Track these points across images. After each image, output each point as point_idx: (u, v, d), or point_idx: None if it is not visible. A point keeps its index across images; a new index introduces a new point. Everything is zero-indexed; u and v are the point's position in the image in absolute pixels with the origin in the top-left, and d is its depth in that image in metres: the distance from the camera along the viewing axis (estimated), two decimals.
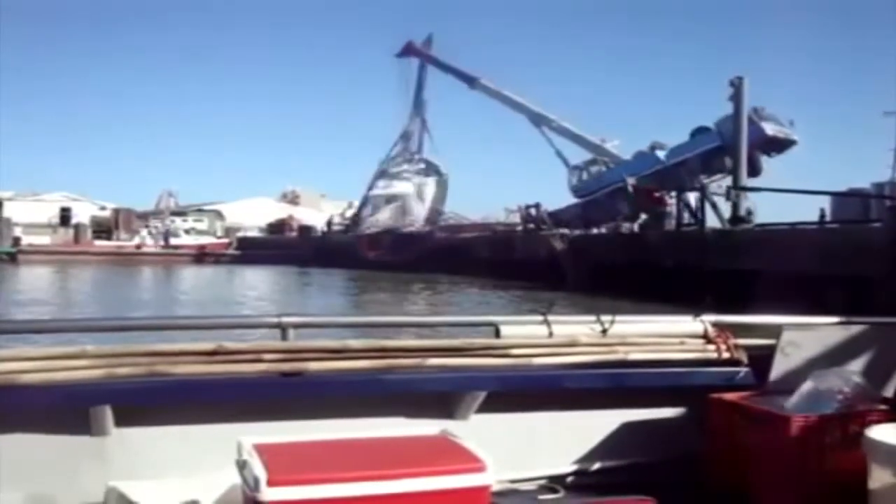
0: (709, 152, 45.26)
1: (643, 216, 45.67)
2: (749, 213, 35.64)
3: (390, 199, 59.84)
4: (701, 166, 45.33)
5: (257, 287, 40.71)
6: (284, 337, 3.44)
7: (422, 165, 61.81)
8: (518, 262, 40.51)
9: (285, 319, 3.48)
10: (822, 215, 33.75)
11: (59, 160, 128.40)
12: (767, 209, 40.13)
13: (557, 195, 52.33)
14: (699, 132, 46.76)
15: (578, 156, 52.51)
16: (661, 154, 47.79)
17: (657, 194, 43.84)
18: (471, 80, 58.82)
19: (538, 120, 53.56)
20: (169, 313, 21.85)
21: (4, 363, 2.96)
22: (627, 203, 45.98)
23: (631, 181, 46.37)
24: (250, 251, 63.84)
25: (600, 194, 48.73)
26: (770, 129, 43.83)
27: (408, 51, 61.60)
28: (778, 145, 45.39)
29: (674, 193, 45.22)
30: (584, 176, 51.46)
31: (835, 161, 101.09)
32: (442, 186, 61.02)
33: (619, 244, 37.33)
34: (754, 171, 43.54)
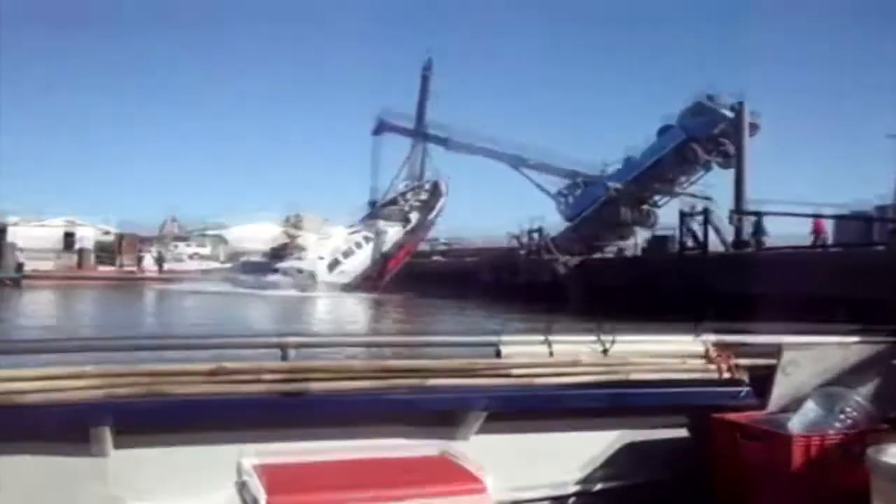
0: (679, 147, 46.63)
1: (637, 229, 46.81)
2: (756, 232, 35.52)
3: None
4: (676, 160, 46.98)
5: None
6: (285, 357, 3.44)
7: (423, 196, 61.92)
8: (522, 285, 40.47)
9: (286, 339, 3.48)
10: (824, 238, 33.68)
11: (62, 182, 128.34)
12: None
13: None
14: (664, 130, 48.12)
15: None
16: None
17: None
18: (444, 142, 60.22)
19: (515, 162, 54.67)
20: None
21: (5, 383, 2.96)
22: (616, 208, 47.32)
23: (614, 186, 47.80)
24: None
25: (590, 211, 49.50)
26: (731, 113, 44.44)
27: (381, 128, 62.39)
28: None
29: (658, 197, 47.88)
30: (570, 200, 52.16)
31: (838, 177, 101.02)
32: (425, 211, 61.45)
33: (621, 268, 37.31)
34: (728, 162, 44.71)
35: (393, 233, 59.53)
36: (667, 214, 43.30)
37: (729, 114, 44.49)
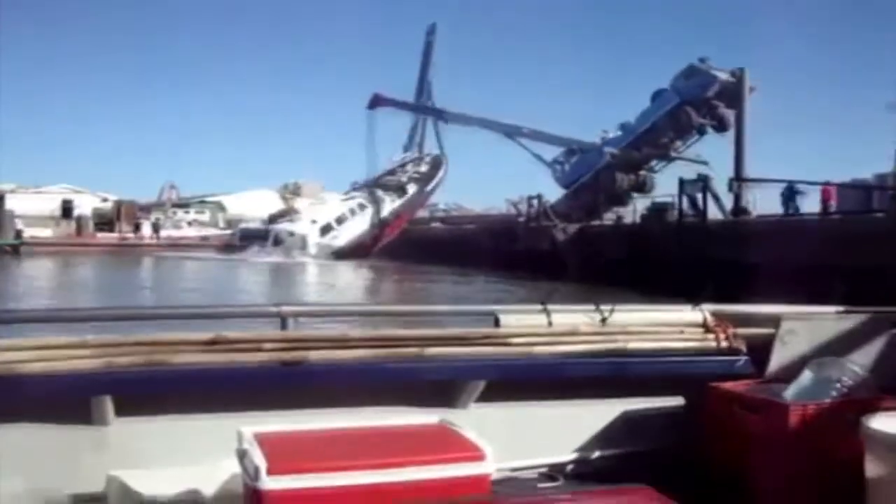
0: (673, 111, 46.43)
1: (635, 195, 46.90)
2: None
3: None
4: (671, 124, 46.83)
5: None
6: (284, 326, 3.45)
7: (422, 168, 61.70)
8: (520, 253, 40.46)
9: (285, 308, 3.49)
10: (825, 206, 33.65)
11: (61, 153, 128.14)
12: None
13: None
14: (658, 94, 47.92)
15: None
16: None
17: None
18: (440, 114, 60.08)
19: (511, 132, 54.25)
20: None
21: (5, 353, 2.97)
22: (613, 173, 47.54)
23: (610, 151, 47.84)
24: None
25: (587, 178, 49.33)
26: (723, 75, 44.53)
27: (376, 102, 61.52)
28: (737, 94, 45.62)
29: (655, 163, 48.23)
30: (566, 168, 52.00)
31: (836, 150, 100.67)
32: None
33: (620, 236, 37.29)
34: (722, 125, 45.12)
35: (389, 202, 59.37)
36: (666, 184, 43.18)
37: (722, 75, 44.39)
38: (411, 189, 60.76)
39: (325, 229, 56.76)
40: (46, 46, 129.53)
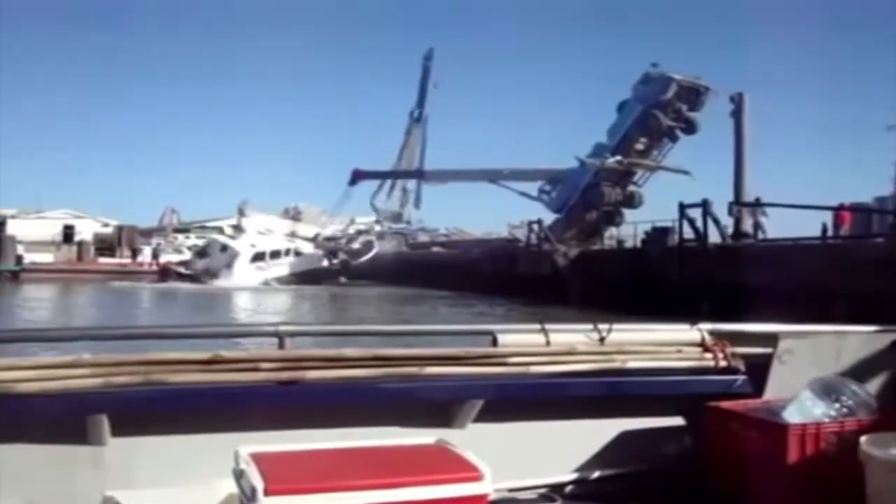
0: (640, 118, 48.26)
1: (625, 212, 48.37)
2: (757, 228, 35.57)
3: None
4: (641, 130, 48.67)
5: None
6: (281, 345, 3.44)
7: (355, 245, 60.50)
8: (521, 277, 40.45)
9: (282, 328, 3.49)
10: (825, 230, 33.66)
11: (61, 178, 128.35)
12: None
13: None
14: (622, 105, 49.76)
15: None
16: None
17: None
18: (420, 175, 61.47)
19: (493, 176, 55.00)
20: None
21: (1, 372, 2.96)
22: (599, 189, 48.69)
23: (591, 162, 49.20)
24: None
25: (575, 198, 50.00)
26: (678, 76, 47.04)
27: (357, 178, 61.87)
28: (695, 94, 48.40)
29: (639, 176, 49.69)
30: (553, 194, 52.65)
31: (835, 173, 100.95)
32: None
33: (621, 259, 37.29)
34: (690, 127, 48.07)
35: (315, 260, 57.74)
36: (667, 209, 43.32)
37: (676, 76, 46.90)
38: (334, 259, 58.87)
39: (257, 258, 55.37)
40: (49, 71, 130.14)
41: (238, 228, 59.64)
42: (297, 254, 57.85)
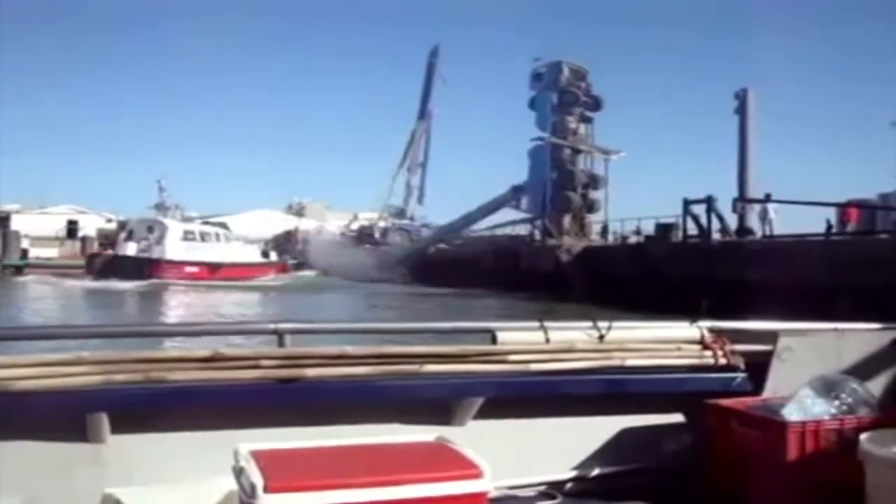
0: (557, 105, 51.04)
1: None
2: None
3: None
4: (563, 112, 51.19)
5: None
6: (281, 343, 3.45)
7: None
8: (524, 273, 40.44)
9: (282, 326, 3.49)
10: (829, 227, 33.61)
11: (65, 173, 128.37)
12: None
13: None
14: (533, 101, 52.17)
15: None
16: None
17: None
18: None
19: (469, 221, 55.49)
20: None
21: (1, 370, 2.97)
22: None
23: (542, 142, 51.00)
24: None
25: (550, 189, 50.66)
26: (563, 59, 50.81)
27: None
28: (582, 76, 52.08)
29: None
30: (523, 201, 52.91)
31: (838, 170, 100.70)
32: None
33: (624, 256, 37.26)
34: (597, 104, 51.94)
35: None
36: (672, 205, 43.25)
37: (562, 60, 50.66)
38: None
39: (188, 235, 52.18)
40: (53, 70, 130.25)
41: (160, 207, 56.49)
42: (227, 239, 56.23)
